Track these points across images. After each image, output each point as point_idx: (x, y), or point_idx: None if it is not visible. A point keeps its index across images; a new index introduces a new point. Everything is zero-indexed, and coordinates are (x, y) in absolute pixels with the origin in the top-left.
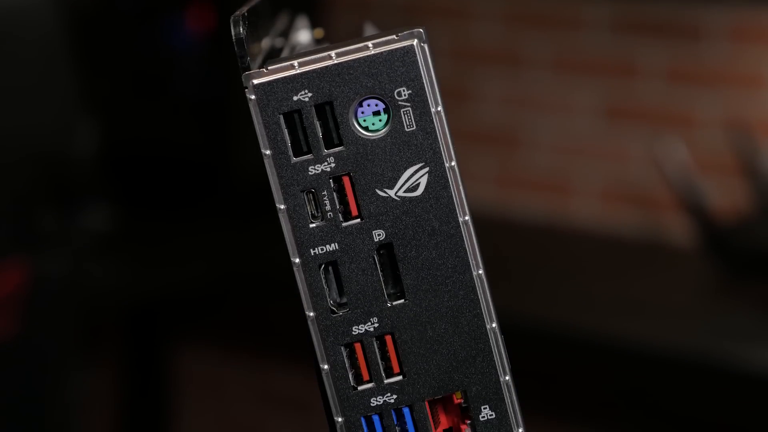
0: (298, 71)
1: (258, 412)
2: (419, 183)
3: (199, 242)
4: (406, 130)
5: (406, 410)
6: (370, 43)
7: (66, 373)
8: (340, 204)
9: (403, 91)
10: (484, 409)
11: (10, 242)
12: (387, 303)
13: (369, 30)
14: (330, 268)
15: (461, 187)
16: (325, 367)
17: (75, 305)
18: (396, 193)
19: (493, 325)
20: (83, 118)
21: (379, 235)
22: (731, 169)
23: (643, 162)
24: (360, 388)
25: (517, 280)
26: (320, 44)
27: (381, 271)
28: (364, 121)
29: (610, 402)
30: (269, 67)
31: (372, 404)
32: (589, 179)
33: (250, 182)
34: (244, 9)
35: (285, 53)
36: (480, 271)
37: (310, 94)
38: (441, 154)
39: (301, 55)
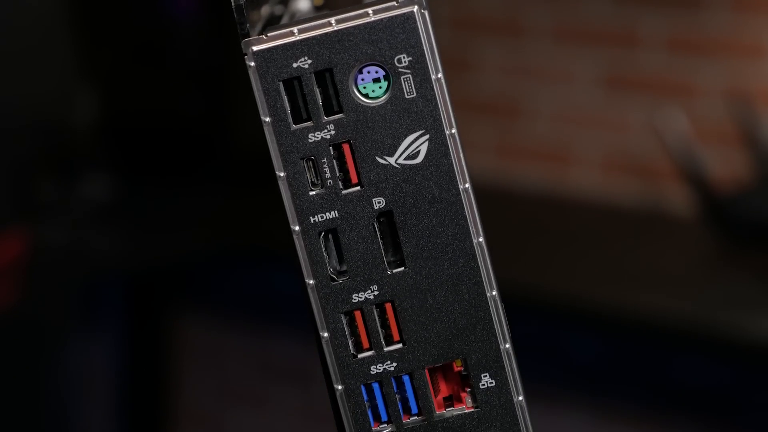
0: (298, 38)
1: (258, 381)
2: (419, 150)
3: (199, 211)
4: (407, 97)
5: (406, 378)
6: (370, 10)
7: (66, 341)
8: (340, 171)
9: (404, 57)
10: (484, 376)
11: (10, 211)
12: (387, 271)
13: None
14: (330, 235)
15: (461, 155)
16: (325, 335)
17: (75, 274)
18: (396, 160)
19: (494, 293)
20: (83, 87)
21: (379, 202)
22: (731, 138)
23: (643, 131)
24: (360, 356)
25: (517, 249)
26: (320, 11)
27: (381, 238)
28: (364, 88)
29: (609, 370)
30: (269, 34)
31: (372, 372)
32: (589, 149)
33: (249, 151)
34: None
35: (284, 20)
36: (480, 239)
37: (309, 61)
38: (441, 122)
39: (301, 22)
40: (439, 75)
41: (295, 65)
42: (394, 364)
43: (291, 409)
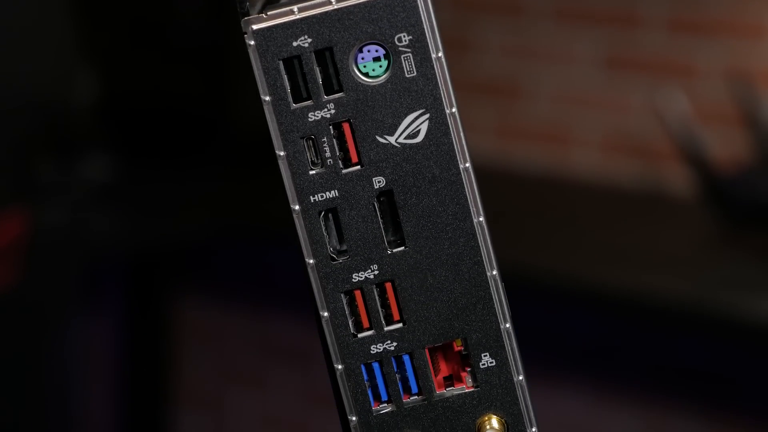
0: (298, 17)
1: (258, 362)
2: (420, 129)
3: (199, 192)
4: (407, 76)
5: (406, 358)
6: None
7: (66, 322)
8: (340, 151)
9: (404, 36)
10: (485, 356)
11: (9, 192)
12: (387, 250)
13: None
14: (330, 215)
15: (462, 134)
16: (325, 314)
17: (75, 255)
18: (396, 139)
19: (494, 272)
20: (82, 67)
21: (379, 182)
22: (732, 119)
23: (643, 112)
24: (360, 335)
25: (517, 230)
26: None
27: (381, 218)
28: (364, 67)
29: (609, 351)
30: (269, 13)
31: (372, 352)
32: (589, 129)
33: (250, 132)
34: None
35: None
36: (480, 218)
37: (309, 40)
38: (442, 101)
39: (301, 1)
40: (440, 54)
41: (295, 44)
42: (395, 344)
43: (291, 390)
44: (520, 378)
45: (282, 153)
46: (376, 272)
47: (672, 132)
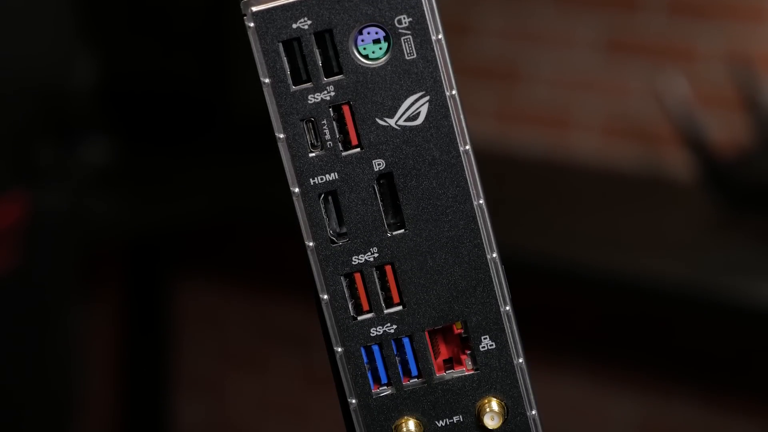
0: None
1: (257, 346)
2: (420, 112)
3: (199, 176)
4: (407, 58)
5: (406, 340)
6: None
7: (65, 307)
8: (339, 133)
9: (404, 18)
10: (485, 339)
11: (8, 176)
12: (387, 233)
13: None
14: (330, 197)
15: (462, 116)
16: (325, 297)
17: (74, 239)
18: (396, 122)
19: (494, 255)
20: (81, 51)
21: (379, 164)
22: (732, 103)
23: (643, 96)
24: (360, 318)
25: (517, 214)
26: None
27: (381, 200)
28: (364, 49)
29: (609, 335)
30: None
31: (372, 334)
32: (589, 113)
33: (249, 115)
34: None
35: None
36: (480, 201)
37: (309, 22)
38: (442, 83)
39: None
40: (440, 36)
41: (294, 26)
42: (394, 327)
43: (291, 373)
44: (520, 361)
45: (281, 135)
46: (376, 255)
47: (672, 115)
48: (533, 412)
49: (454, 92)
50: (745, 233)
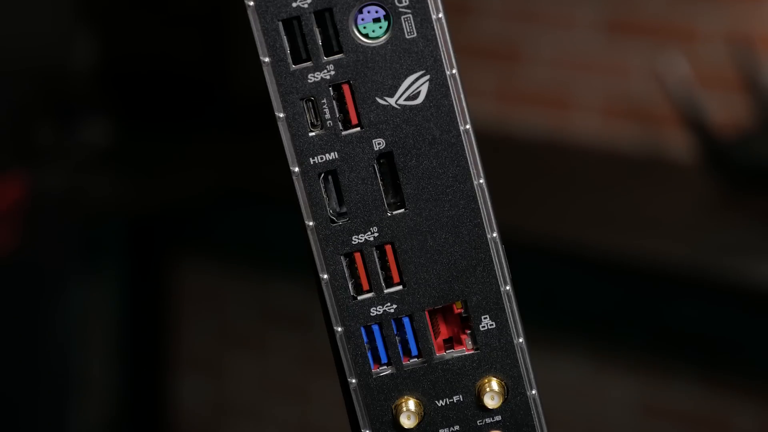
0: None
1: (257, 326)
2: (420, 91)
3: (199, 156)
4: (407, 37)
5: (406, 320)
6: None
7: (65, 286)
8: (339, 112)
9: None
10: (485, 318)
11: (9, 155)
12: (387, 212)
13: None
14: (329, 177)
15: (462, 96)
16: (325, 276)
17: (74, 218)
18: (396, 101)
19: (494, 234)
20: (81, 31)
21: (379, 143)
22: (733, 83)
23: (644, 76)
24: (360, 297)
25: (517, 194)
26: None
27: (381, 180)
28: (364, 28)
29: (608, 316)
30: None
31: (372, 314)
32: (589, 94)
33: (249, 95)
34: None
35: None
36: (481, 181)
37: (309, 1)
38: (442, 62)
39: None
40: (440, 15)
41: (294, 5)
42: (394, 306)
43: (290, 353)
44: (521, 340)
45: (281, 114)
46: (376, 234)
47: (672, 96)
48: (533, 392)
49: (454, 71)
50: (745, 213)
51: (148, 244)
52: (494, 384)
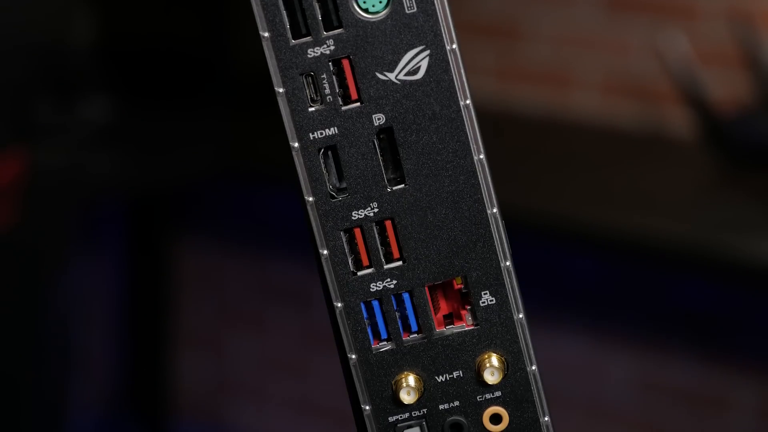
0: None
1: (257, 303)
2: (420, 66)
3: (199, 134)
4: (407, 12)
5: (405, 296)
6: None
7: (65, 263)
8: (339, 87)
9: None
10: (485, 294)
11: (8, 133)
12: (387, 188)
13: None
14: (329, 152)
15: (462, 71)
16: (325, 252)
17: (74, 196)
18: (396, 76)
19: (494, 210)
20: (81, 8)
21: (379, 119)
22: (733, 60)
23: (644, 54)
24: (359, 273)
25: (517, 172)
26: None
27: (381, 155)
28: (364, 2)
29: (608, 293)
30: None
31: (371, 289)
32: (589, 71)
33: (249, 73)
34: None
35: None
36: (481, 156)
37: None
38: (442, 37)
39: None
40: None
41: None
42: (394, 282)
43: (290, 330)
44: (521, 316)
45: (281, 90)
46: (376, 210)
47: (672, 73)
48: (533, 368)
49: (454, 46)
50: (744, 191)
51: (148, 221)
52: (494, 360)
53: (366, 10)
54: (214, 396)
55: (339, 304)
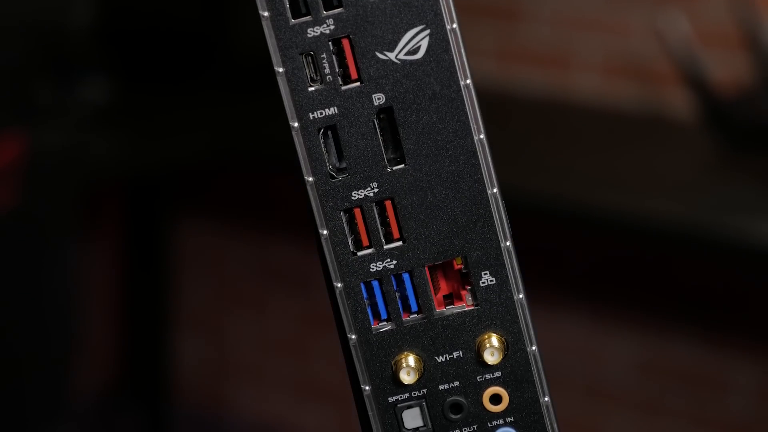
0: None
1: (257, 286)
2: (420, 46)
3: (198, 115)
4: None
5: (405, 276)
6: None
7: (65, 245)
8: (339, 67)
9: None
10: (485, 274)
11: (7, 114)
12: (387, 168)
13: None
14: (329, 132)
15: (463, 50)
16: (324, 232)
17: (73, 178)
18: (396, 56)
19: (494, 190)
20: None
21: (379, 98)
22: (733, 41)
23: (644, 35)
24: (359, 253)
25: (517, 153)
26: None
27: (381, 135)
28: None
29: (609, 275)
30: None
31: (371, 270)
32: (590, 52)
33: (249, 55)
34: None
35: None
36: (481, 136)
37: None
38: (442, 16)
39: None
40: None
41: None
42: (394, 262)
43: (290, 313)
44: (521, 296)
45: (281, 69)
46: (376, 190)
47: (673, 54)
48: (533, 348)
49: (454, 26)
50: (745, 172)
51: (148, 202)
52: (494, 340)
53: None
54: (214, 377)
55: (339, 285)
